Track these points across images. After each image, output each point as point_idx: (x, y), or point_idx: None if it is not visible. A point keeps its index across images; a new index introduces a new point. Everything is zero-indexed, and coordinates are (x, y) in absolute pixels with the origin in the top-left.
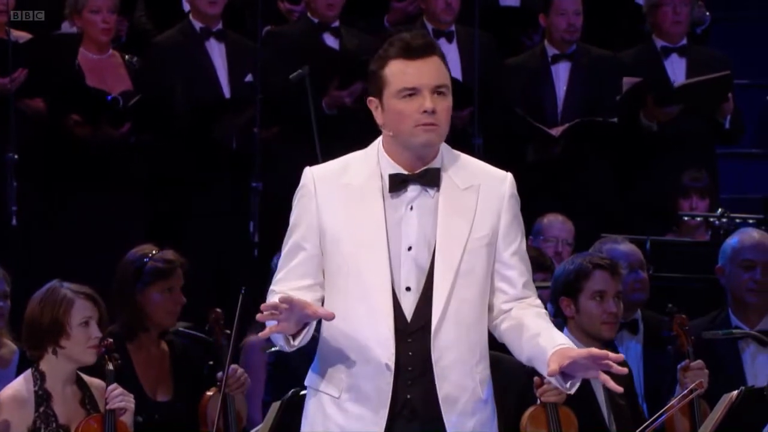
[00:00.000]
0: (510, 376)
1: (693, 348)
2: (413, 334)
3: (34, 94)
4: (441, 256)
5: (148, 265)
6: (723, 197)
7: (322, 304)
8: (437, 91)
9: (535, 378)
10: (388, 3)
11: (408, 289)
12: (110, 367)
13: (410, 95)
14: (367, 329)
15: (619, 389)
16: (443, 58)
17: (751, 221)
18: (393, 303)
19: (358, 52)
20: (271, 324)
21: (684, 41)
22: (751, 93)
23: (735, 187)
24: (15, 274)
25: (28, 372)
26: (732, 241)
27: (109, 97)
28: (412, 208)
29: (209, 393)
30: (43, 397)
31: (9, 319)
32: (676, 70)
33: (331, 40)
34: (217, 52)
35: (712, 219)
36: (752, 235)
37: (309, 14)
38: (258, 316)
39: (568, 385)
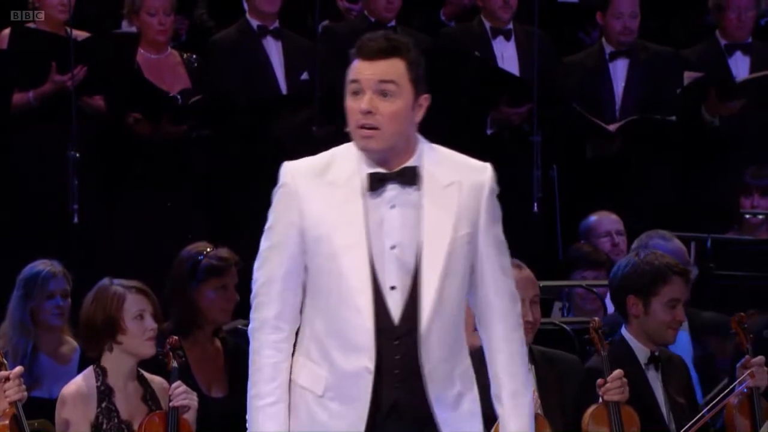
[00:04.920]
0: (566, 374)
1: (752, 346)
2: (401, 337)
3: (93, 91)
4: (428, 254)
5: (202, 262)
6: None
7: (302, 304)
8: (381, 91)
9: (599, 380)
10: None
11: (393, 288)
12: (174, 364)
13: (354, 93)
14: (348, 331)
15: None
16: (412, 62)
17: None
18: (375, 303)
19: None
20: None
21: (749, 39)
22: None
23: None
24: (76, 271)
25: (90, 368)
26: None
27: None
28: (393, 207)
29: None
30: (105, 393)
31: (69, 316)
32: (740, 67)
33: None
34: (274, 50)
35: None
36: None
37: (366, 13)
38: None
39: None
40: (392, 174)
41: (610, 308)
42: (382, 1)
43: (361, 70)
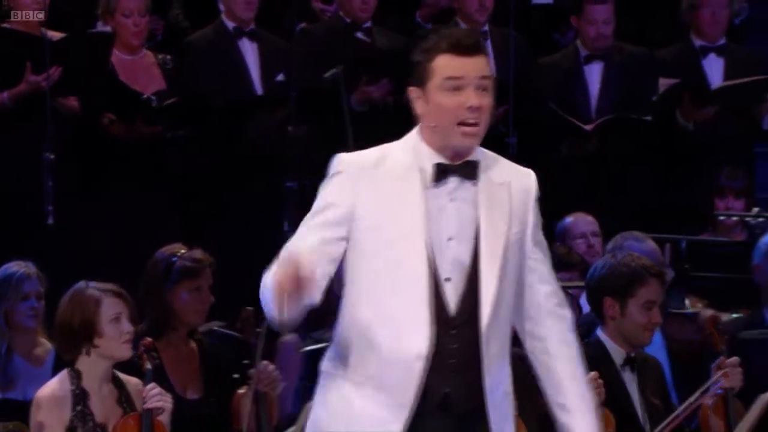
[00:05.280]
0: None
1: (727, 347)
2: (458, 326)
3: (68, 92)
4: (486, 249)
5: (176, 264)
6: (760, 197)
7: (342, 296)
8: (482, 86)
9: None
10: None
11: (448, 279)
12: (148, 366)
13: (454, 89)
14: (402, 318)
15: None
16: (488, 58)
17: None
18: (433, 293)
19: (388, 51)
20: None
21: (722, 41)
22: None
23: None
24: (51, 272)
25: (65, 371)
26: (767, 238)
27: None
28: (453, 200)
29: (241, 391)
30: (80, 396)
31: (44, 318)
32: (714, 70)
33: None
34: (249, 51)
35: (747, 218)
36: None
37: (342, 14)
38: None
39: None
40: (455, 167)
41: (585, 309)
42: (357, 1)
43: (462, 66)
